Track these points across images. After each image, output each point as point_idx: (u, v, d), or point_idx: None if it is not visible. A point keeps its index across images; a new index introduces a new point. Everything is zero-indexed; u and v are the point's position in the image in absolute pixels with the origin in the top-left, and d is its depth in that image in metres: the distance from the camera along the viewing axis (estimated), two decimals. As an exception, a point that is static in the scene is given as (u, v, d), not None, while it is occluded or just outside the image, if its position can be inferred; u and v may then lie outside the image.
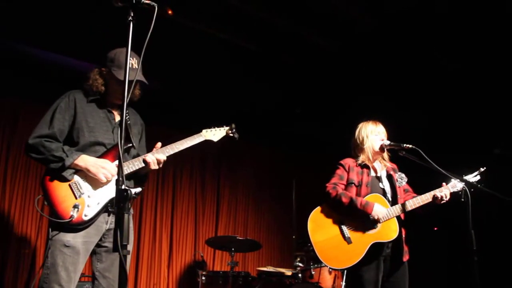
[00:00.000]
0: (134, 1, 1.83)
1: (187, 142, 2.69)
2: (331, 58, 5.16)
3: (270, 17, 4.42)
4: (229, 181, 6.57)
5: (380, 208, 3.04)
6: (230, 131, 2.87)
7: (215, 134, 2.82)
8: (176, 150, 2.66)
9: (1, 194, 4.72)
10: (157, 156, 2.59)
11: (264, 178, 6.87)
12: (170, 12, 4.10)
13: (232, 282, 4.67)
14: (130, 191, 1.70)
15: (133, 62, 2.53)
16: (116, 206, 1.71)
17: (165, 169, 6.00)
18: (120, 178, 1.72)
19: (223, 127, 2.87)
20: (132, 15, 1.84)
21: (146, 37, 1.82)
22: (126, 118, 2.59)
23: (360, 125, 3.38)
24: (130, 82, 2.37)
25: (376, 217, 3.02)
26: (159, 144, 2.68)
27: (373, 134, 3.29)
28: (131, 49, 2.34)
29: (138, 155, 2.68)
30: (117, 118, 2.65)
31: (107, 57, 2.61)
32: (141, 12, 1.85)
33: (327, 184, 3.23)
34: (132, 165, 2.55)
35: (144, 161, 2.56)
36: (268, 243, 6.73)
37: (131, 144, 2.60)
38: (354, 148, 3.37)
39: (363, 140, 3.30)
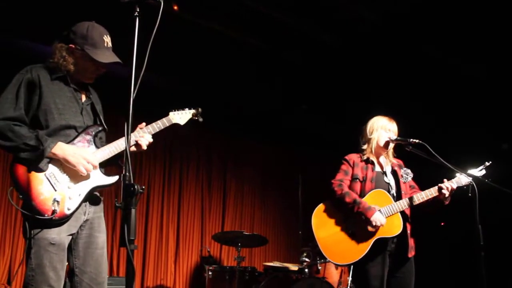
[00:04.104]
0: (140, -3, 1.82)
1: (158, 125, 2.55)
2: (336, 55, 5.14)
3: (279, 14, 4.42)
4: (235, 176, 6.58)
5: (380, 216, 3.01)
6: (195, 115, 2.72)
7: (181, 117, 2.68)
8: (153, 132, 2.51)
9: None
10: (148, 138, 2.45)
11: (270, 173, 6.88)
12: (175, 7, 4.10)
13: (239, 277, 4.68)
14: (137, 186, 1.69)
15: (107, 40, 2.35)
16: (123, 202, 1.70)
17: (172, 165, 6.02)
18: (127, 173, 1.72)
19: (189, 109, 2.72)
20: (138, 10, 1.83)
21: (150, 32, 1.81)
22: (90, 96, 2.46)
23: (375, 117, 3.32)
24: (109, 64, 2.29)
25: (374, 224, 3.00)
26: (143, 124, 2.51)
27: (383, 129, 3.23)
28: (106, 28, 2.31)
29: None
30: (84, 98, 2.47)
31: (75, 32, 2.35)
32: (145, 7, 1.84)
33: (332, 181, 3.20)
34: (108, 149, 2.37)
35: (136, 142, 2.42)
36: (275, 238, 6.74)
37: (101, 128, 2.43)
38: (361, 137, 3.33)
39: (372, 131, 3.25)
